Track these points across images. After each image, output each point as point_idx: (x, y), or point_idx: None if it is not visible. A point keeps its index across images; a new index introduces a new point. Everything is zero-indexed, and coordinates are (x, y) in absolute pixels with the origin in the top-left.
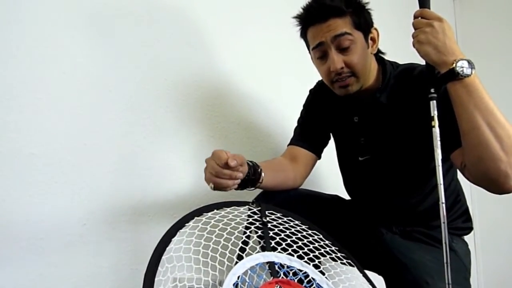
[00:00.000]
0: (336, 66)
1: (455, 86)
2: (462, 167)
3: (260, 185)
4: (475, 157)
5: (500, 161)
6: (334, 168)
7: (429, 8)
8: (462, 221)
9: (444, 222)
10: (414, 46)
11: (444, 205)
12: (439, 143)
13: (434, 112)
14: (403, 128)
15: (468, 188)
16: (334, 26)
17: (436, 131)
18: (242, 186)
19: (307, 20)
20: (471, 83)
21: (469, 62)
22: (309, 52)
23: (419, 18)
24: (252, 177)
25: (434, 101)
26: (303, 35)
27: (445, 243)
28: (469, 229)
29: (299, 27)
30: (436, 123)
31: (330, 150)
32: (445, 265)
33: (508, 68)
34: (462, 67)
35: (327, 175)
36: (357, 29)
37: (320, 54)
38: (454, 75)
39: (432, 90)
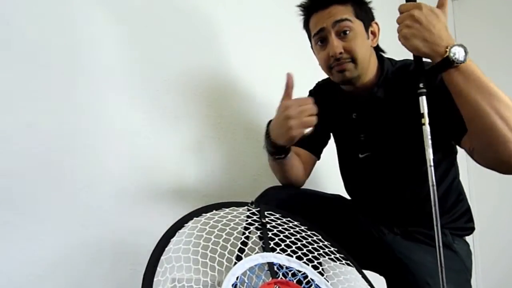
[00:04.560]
0: (335, 50)
1: (451, 74)
2: (471, 152)
3: (283, 158)
4: (483, 142)
5: (509, 142)
6: (334, 169)
7: (414, 1)
8: (464, 221)
9: (437, 225)
10: (400, 42)
11: (437, 207)
12: (430, 141)
13: (424, 109)
14: (402, 124)
15: (467, 187)
16: (335, 12)
17: (427, 129)
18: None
19: (310, 8)
20: (467, 69)
21: (462, 46)
22: (310, 43)
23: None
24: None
25: (424, 97)
26: (306, 24)
27: (438, 244)
28: (471, 229)
29: (302, 16)
30: (426, 120)
31: (331, 150)
32: (439, 266)
33: (508, 69)
34: (456, 53)
35: (328, 176)
36: (358, 18)
37: (320, 40)
38: (449, 63)
39: (421, 85)
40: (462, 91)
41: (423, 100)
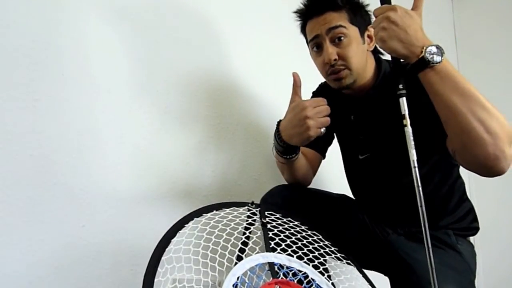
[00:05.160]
0: (330, 57)
1: (427, 75)
2: (453, 154)
3: (294, 157)
4: (460, 144)
5: (486, 144)
6: (337, 168)
7: (389, 4)
8: (468, 221)
9: (424, 226)
10: (378, 45)
11: (423, 208)
12: (413, 143)
13: (405, 110)
14: (398, 125)
15: (467, 187)
16: (329, 19)
17: (409, 130)
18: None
19: (306, 14)
20: (443, 69)
21: (437, 47)
22: (308, 47)
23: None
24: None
25: (404, 98)
26: (303, 29)
27: (427, 245)
28: (476, 229)
29: (299, 22)
30: (408, 121)
31: (334, 150)
32: (430, 267)
33: (507, 68)
34: (432, 54)
35: (330, 175)
36: (353, 24)
37: (316, 46)
38: (425, 64)
39: (401, 86)
40: (437, 91)
41: (403, 101)
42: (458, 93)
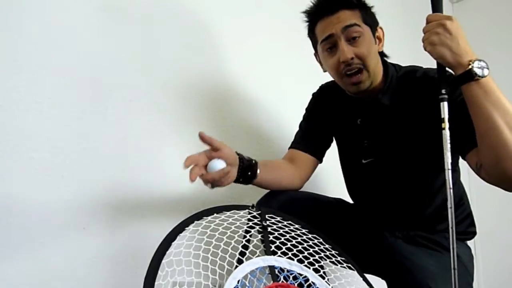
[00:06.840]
0: (347, 56)
1: (471, 87)
2: (477, 168)
3: (255, 181)
4: (493, 157)
5: None
6: (335, 172)
7: (441, 13)
8: (466, 226)
9: (452, 228)
10: (425, 49)
11: (452, 209)
12: (449, 145)
13: (445, 114)
14: (406, 131)
15: (468, 190)
16: (343, 18)
17: (447, 133)
18: (236, 181)
19: (317, 14)
20: (487, 84)
21: (484, 62)
22: (315, 51)
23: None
24: (246, 170)
25: (445, 103)
26: (311, 31)
27: (453, 248)
28: (473, 233)
29: (307, 23)
30: (446, 125)
31: (333, 154)
32: (452, 270)
33: (507, 70)
34: (479, 68)
35: (328, 179)
36: (366, 23)
37: (329, 46)
38: (471, 76)
39: (443, 91)
40: (480, 104)
41: (444, 106)
42: (499, 108)
